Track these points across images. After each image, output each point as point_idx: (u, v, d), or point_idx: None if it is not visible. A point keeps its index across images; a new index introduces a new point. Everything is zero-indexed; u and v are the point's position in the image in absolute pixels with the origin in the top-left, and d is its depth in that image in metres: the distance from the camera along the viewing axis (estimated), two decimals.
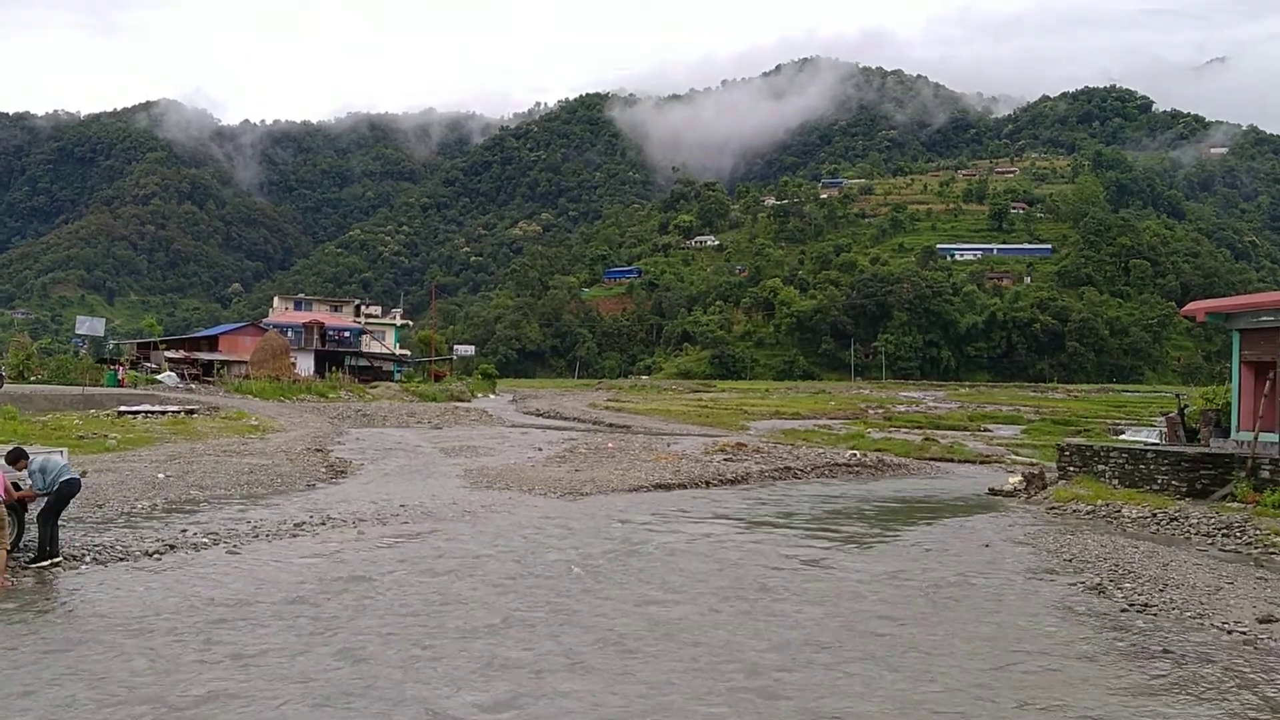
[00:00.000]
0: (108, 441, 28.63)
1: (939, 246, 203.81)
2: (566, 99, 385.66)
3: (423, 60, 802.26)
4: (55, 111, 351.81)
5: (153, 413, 38.64)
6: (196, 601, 11.39)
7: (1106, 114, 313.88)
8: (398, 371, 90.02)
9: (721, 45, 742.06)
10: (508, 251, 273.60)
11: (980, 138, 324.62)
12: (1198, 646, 10.37)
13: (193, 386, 60.98)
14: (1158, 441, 27.85)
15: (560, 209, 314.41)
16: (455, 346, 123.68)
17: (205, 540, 15.13)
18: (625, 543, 16.14)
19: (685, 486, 24.39)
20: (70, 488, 13.34)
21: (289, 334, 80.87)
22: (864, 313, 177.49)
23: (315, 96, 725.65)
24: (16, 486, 12.96)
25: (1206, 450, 22.54)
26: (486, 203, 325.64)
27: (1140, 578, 13.64)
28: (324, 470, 26.25)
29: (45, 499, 13.16)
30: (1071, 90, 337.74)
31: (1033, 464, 29.72)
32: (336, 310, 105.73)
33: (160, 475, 22.31)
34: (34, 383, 54.84)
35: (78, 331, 73.26)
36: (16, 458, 13.04)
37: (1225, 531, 17.20)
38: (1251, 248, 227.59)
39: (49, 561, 12.95)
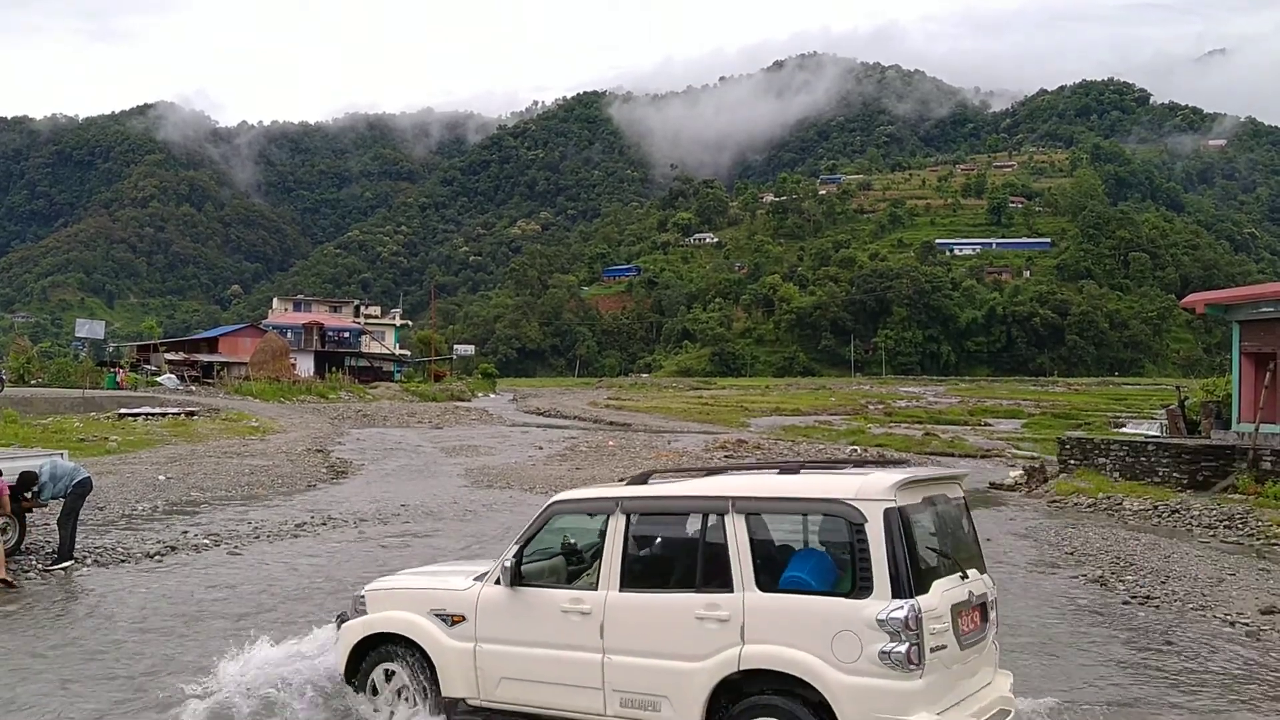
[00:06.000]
0: (108, 444, 28.64)
1: (938, 241, 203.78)
2: (564, 97, 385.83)
3: (420, 60, 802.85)
4: (54, 115, 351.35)
5: (153, 415, 38.65)
6: (196, 602, 11.38)
7: (1104, 107, 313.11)
8: (398, 371, 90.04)
9: (731, 41, 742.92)
10: (507, 251, 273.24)
11: (978, 132, 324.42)
12: (1200, 638, 10.36)
13: (193, 388, 60.99)
14: (1158, 434, 27.84)
15: (559, 208, 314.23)
16: (455, 346, 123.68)
17: (206, 541, 15.13)
18: None
19: None
20: (84, 487, 13.41)
21: (288, 335, 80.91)
22: (863, 309, 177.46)
23: (312, 97, 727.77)
24: (17, 493, 12.93)
25: (1207, 442, 22.52)
26: (485, 202, 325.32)
27: (1142, 570, 13.63)
28: (325, 471, 26.26)
29: (62, 503, 13.27)
30: (1069, 84, 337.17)
31: (1033, 458, 29.71)
32: (336, 311, 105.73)
33: (161, 477, 22.33)
34: (34, 386, 54.87)
35: (78, 334, 73.41)
36: (29, 481, 13.02)
37: (1227, 523, 17.19)
38: (1251, 239, 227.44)
39: (66, 564, 12.99)
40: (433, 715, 7.04)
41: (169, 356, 75.15)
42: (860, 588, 5.79)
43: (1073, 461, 24.27)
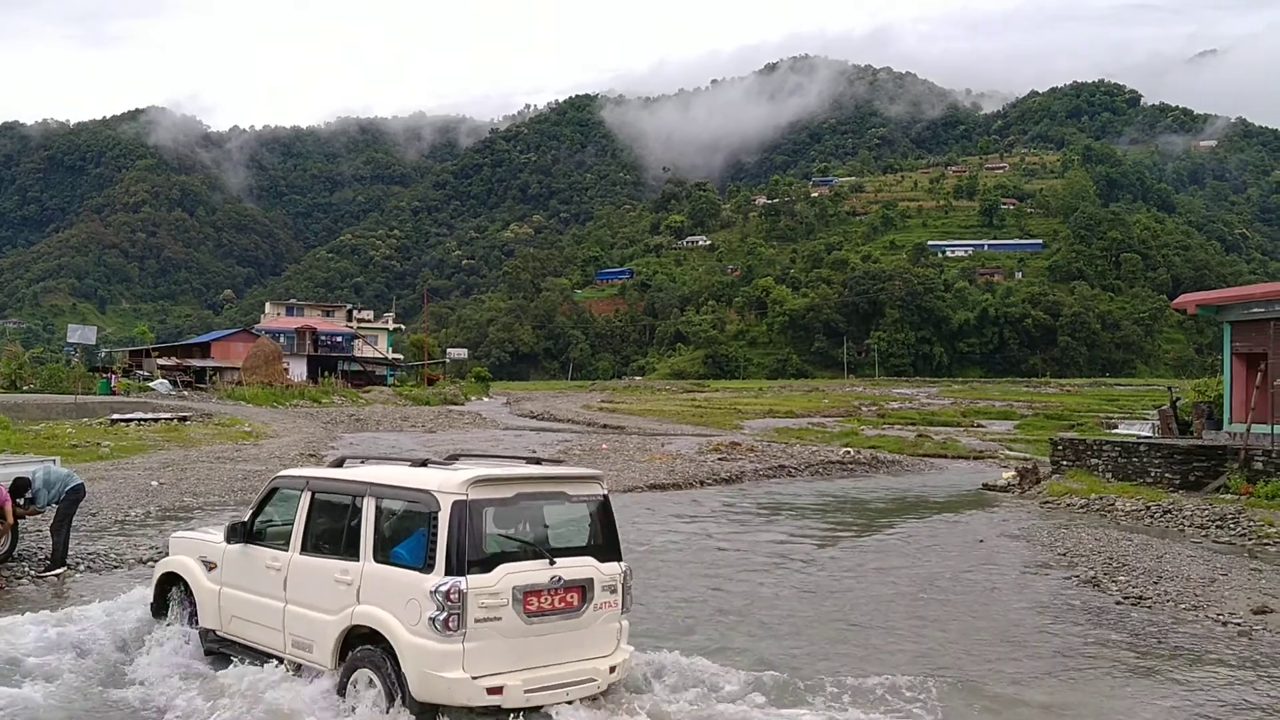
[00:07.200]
0: (101, 449, 28.55)
1: (930, 243, 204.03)
2: (556, 100, 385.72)
3: (412, 63, 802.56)
4: (45, 120, 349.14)
5: (146, 420, 38.57)
6: None
7: (1095, 108, 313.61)
8: (390, 376, 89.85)
9: (728, 43, 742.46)
10: (499, 254, 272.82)
11: (970, 134, 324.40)
12: (1192, 639, 10.40)
13: (185, 393, 60.80)
14: (1151, 435, 27.92)
15: (551, 211, 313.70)
16: (448, 350, 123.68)
17: None
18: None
19: (680, 486, 24.39)
20: (77, 494, 13.36)
21: (281, 340, 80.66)
22: (856, 310, 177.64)
23: (303, 101, 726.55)
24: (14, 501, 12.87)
25: (1199, 442, 22.60)
26: (477, 205, 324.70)
27: (1134, 570, 13.67)
28: None
29: (55, 510, 13.25)
30: (1061, 85, 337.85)
31: (1026, 459, 29.77)
32: (328, 315, 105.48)
33: (154, 482, 22.26)
34: (26, 392, 54.66)
35: (70, 340, 73.11)
36: (22, 488, 12.96)
37: (1219, 523, 17.25)
38: (1241, 240, 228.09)
39: (59, 570, 12.96)
40: (191, 640, 8.91)
41: (161, 362, 74.85)
42: (428, 564, 7.08)
43: (1065, 462, 24.32)
